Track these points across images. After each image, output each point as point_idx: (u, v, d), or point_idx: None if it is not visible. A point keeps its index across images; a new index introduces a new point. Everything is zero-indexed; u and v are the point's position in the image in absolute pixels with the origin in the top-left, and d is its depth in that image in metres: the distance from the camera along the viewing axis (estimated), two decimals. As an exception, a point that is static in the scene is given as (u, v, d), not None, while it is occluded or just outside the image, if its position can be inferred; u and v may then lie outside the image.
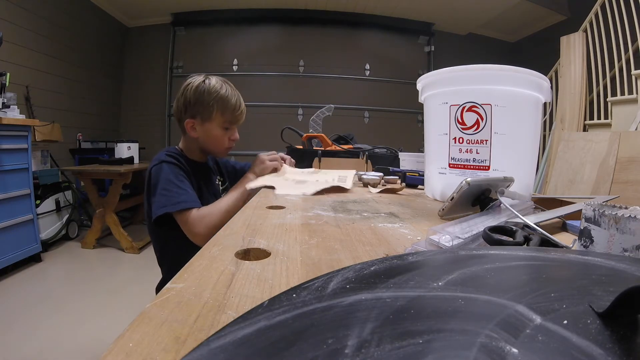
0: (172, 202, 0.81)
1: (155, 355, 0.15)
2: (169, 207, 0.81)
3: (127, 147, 3.04)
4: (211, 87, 0.90)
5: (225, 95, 0.91)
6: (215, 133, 0.94)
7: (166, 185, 0.84)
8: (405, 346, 0.11)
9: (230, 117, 0.93)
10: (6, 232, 1.95)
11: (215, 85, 0.91)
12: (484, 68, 0.58)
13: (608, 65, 2.51)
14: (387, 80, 4.21)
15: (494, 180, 0.48)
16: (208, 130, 0.93)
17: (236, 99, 0.93)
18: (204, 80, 0.91)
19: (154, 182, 0.85)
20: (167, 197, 0.82)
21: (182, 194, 0.83)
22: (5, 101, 2.06)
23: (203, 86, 0.90)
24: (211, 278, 0.24)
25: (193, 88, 0.90)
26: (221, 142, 0.96)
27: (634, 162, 1.69)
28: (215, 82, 0.91)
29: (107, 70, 3.92)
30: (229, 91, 0.92)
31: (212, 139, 0.95)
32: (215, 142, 0.96)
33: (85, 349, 1.40)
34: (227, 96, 0.91)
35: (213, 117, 0.92)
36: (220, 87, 0.91)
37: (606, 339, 0.11)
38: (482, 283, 0.17)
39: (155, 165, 0.88)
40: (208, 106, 0.90)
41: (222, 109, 0.91)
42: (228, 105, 0.92)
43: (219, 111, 0.91)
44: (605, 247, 0.27)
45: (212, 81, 0.91)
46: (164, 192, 0.83)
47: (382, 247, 0.34)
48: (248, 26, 4.10)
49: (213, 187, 1.06)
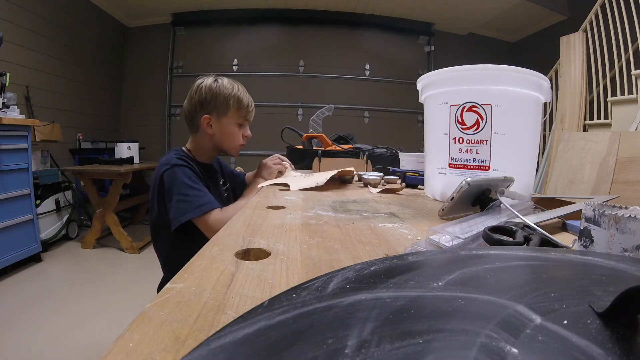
0: (193, 206, 0.80)
1: (155, 355, 0.15)
2: (191, 212, 0.79)
3: (127, 147, 3.04)
4: (225, 85, 0.95)
5: (239, 93, 0.96)
6: (231, 129, 0.97)
7: (184, 190, 0.82)
8: (405, 346, 0.11)
9: (245, 113, 0.97)
10: (6, 232, 1.95)
11: (228, 84, 0.96)
12: (484, 68, 0.58)
13: (608, 65, 2.51)
14: (387, 80, 4.21)
15: (494, 180, 0.48)
16: (224, 126, 0.96)
17: (248, 97, 0.98)
18: (215, 79, 0.96)
19: (169, 187, 0.84)
20: (187, 203, 0.80)
21: (201, 197, 0.82)
22: (5, 101, 2.06)
23: (217, 84, 0.94)
24: (211, 278, 0.24)
25: (207, 86, 0.94)
26: (236, 139, 0.99)
27: (634, 162, 1.69)
28: (227, 81, 0.97)
29: (107, 70, 3.91)
30: (241, 89, 0.97)
31: (228, 135, 0.97)
32: (230, 138, 0.98)
33: (85, 349, 1.40)
34: (240, 94, 0.96)
35: (229, 113, 0.95)
36: (232, 86, 0.96)
37: (606, 339, 0.11)
38: (482, 283, 0.17)
39: (167, 170, 0.86)
40: (225, 102, 0.94)
41: (237, 105, 0.95)
42: (242, 102, 0.96)
43: (235, 107, 0.95)
44: (605, 247, 0.27)
45: (224, 81, 0.96)
46: (182, 197, 0.81)
47: (382, 247, 0.34)
48: (248, 26, 4.10)
49: (218, 189, 1.06)
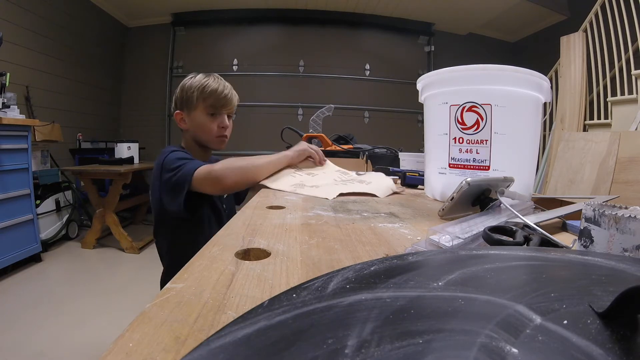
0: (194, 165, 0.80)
1: (155, 355, 0.15)
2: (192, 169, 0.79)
3: (127, 147, 3.04)
4: (195, 80, 0.95)
5: (205, 82, 0.95)
6: (201, 120, 0.96)
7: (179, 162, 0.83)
8: (405, 346, 0.11)
9: (213, 101, 0.95)
10: (6, 232, 1.95)
11: (199, 77, 0.96)
12: (484, 68, 0.58)
13: (608, 65, 2.51)
14: (387, 80, 4.21)
15: (494, 180, 0.48)
16: (194, 119, 0.96)
17: (218, 85, 0.96)
18: (191, 77, 0.97)
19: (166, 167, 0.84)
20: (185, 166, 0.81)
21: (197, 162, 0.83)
22: (5, 101, 2.06)
23: (188, 81, 0.96)
24: (211, 278, 0.24)
25: (181, 85, 0.97)
26: (209, 129, 0.97)
27: (634, 162, 1.69)
28: (201, 75, 0.96)
29: (107, 70, 3.91)
30: (211, 79, 0.96)
31: (199, 126, 0.97)
32: (203, 129, 0.97)
33: (85, 349, 1.40)
34: (207, 83, 0.95)
35: (195, 105, 0.95)
36: (203, 78, 0.96)
37: (606, 339, 0.11)
38: (482, 283, 0.17)
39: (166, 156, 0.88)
40: (190, 95, 0.94)
41: (202, 95, 0.94)
42: (208, 90, 0.94)
43: (200, 98, 0.95)
44: (605, 247, 0.27)
45: (197, 76, 0.96)
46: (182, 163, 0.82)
47: (382, 247, 0.34)
48: (248, 26, 4.10)
49: None
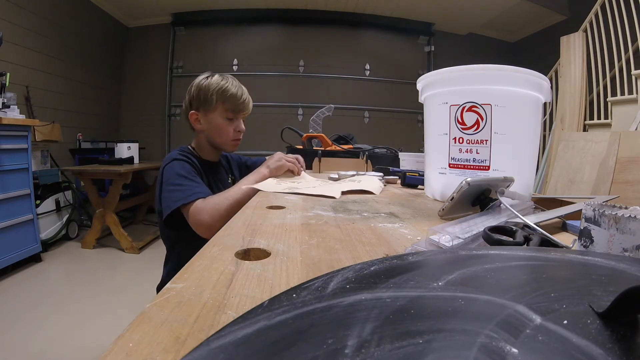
0: (186, 195, 0.79)
1: (155, 355, 0.15)
2: (182, 200, 0.79)
3: (127, 147, 3.04)
4: (212, 81, 0.94)
5: (225, 85, 0.94)
6: (218, 122, 0.96)
7: (177, 180, 0.83)
8: (405, 346, 0.11)
9: (232, 106, 0.95)
10: (6, 232, 1.95)
11: (217, 79, 0.95)
12: (484, 68, 0.58)
13: (608, 65, 2.51)
14: (387, 80, 4.21)
15: (494, 180, 0.48)
16: (211, 121, 0.96)
17: (237, 89, 0.96)
18: (207, 77, 0.96)
19: (165, 179, 0.85)
20: (180, 192, 0.80)
21: (195, 187, 0.82)
22: (5, 101, 2.06)
23: (205, 81, 0.95)
24: (211, 278, 0.24)
25: (197, 83, 0.95)
26: (226, 132, 0.97)
27: (634, 162, 1.69)
28: (218, 76, 0.96)
29: (107, 70, 3.91)
30: (229, 82, 0.96)
31: (216, 129, 0.96)
32: (219, 132, 0.97)
33: (85, 349, 1.40)
34: (227, 86, 0.94)
35: (214, 107, 0.95)
36: (221, 80, 0.95)
37: (606, 339, 0.11)
38: (482, 283, 0.17)
39: (168, 164, 0.88)
40: (209, 97, 0.93)
41: (222, 98, 0.94)
42: (228, 94, 0.94)
43: (220, 100, 0.94)
44: (605, 247, 0.27)
45: (214, 77, 0.96)
46: (176, 187, 0.81)
47: (382, 247, 0.34)
48: (248, 26, 4.10)
49: (225, 186, 1.05)
